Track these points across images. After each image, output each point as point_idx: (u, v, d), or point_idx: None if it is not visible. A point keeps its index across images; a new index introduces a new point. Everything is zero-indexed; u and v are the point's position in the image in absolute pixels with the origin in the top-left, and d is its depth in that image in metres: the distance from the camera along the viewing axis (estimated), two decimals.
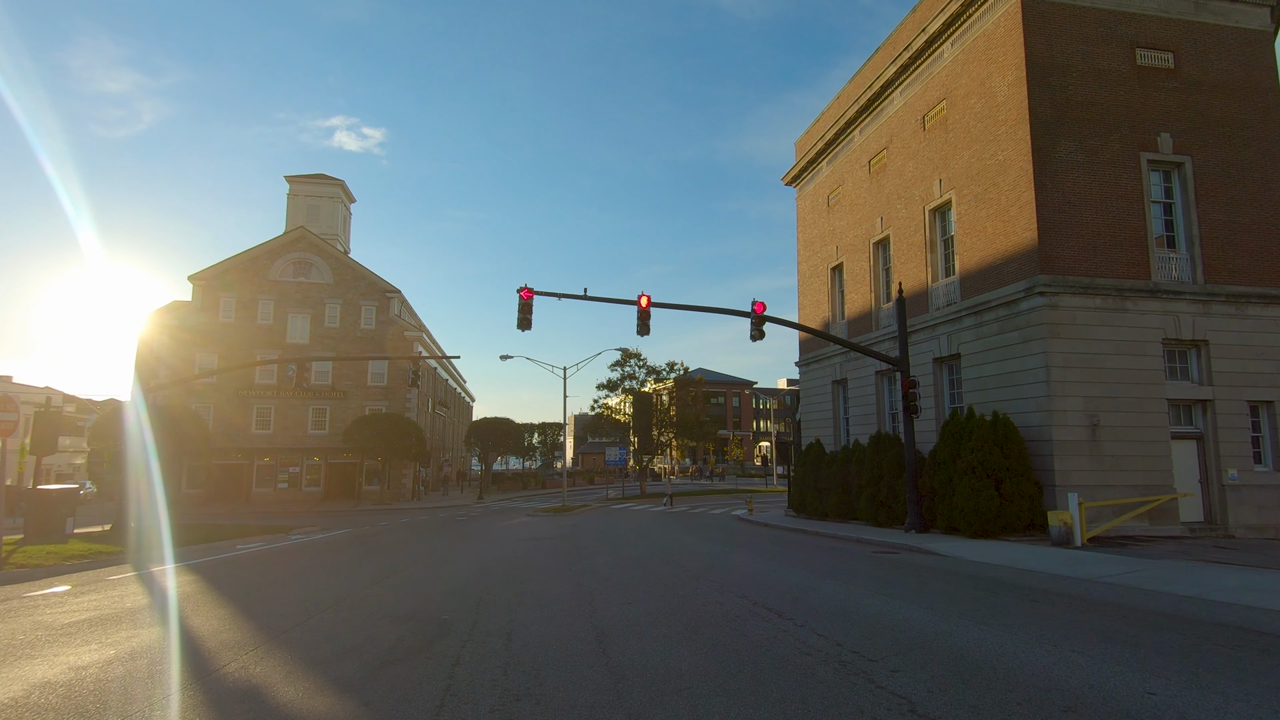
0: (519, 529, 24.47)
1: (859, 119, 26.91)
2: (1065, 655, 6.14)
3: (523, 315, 17.14)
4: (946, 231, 22.23)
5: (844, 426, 28.26)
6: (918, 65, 23.13)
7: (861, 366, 26.14)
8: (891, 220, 24.69)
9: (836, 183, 29.05)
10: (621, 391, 51.73)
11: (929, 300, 22.32)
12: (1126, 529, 16.95)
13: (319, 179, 51.76)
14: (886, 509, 21.16)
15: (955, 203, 21.24)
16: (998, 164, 19.40)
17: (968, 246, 20.64)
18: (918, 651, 6.32)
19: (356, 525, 28.68)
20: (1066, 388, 17.48)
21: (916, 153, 23.29)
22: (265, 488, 45.19)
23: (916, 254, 23.11)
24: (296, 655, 6.70)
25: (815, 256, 30.77)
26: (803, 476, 26.70)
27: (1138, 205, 18.66)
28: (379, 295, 47.77)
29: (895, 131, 24.66)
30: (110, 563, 14.84)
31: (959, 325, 20.74)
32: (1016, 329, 18.49)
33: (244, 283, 46.03)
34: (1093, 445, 17.43)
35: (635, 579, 11.49)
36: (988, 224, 19.76)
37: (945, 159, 21.76)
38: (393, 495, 46.20)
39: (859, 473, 22.77)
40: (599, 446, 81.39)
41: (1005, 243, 19.03)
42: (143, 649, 7.05)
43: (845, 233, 28.18)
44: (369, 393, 47.03)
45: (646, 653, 6.47)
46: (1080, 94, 18.70)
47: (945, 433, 18.79)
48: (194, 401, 43.99)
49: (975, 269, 20.26)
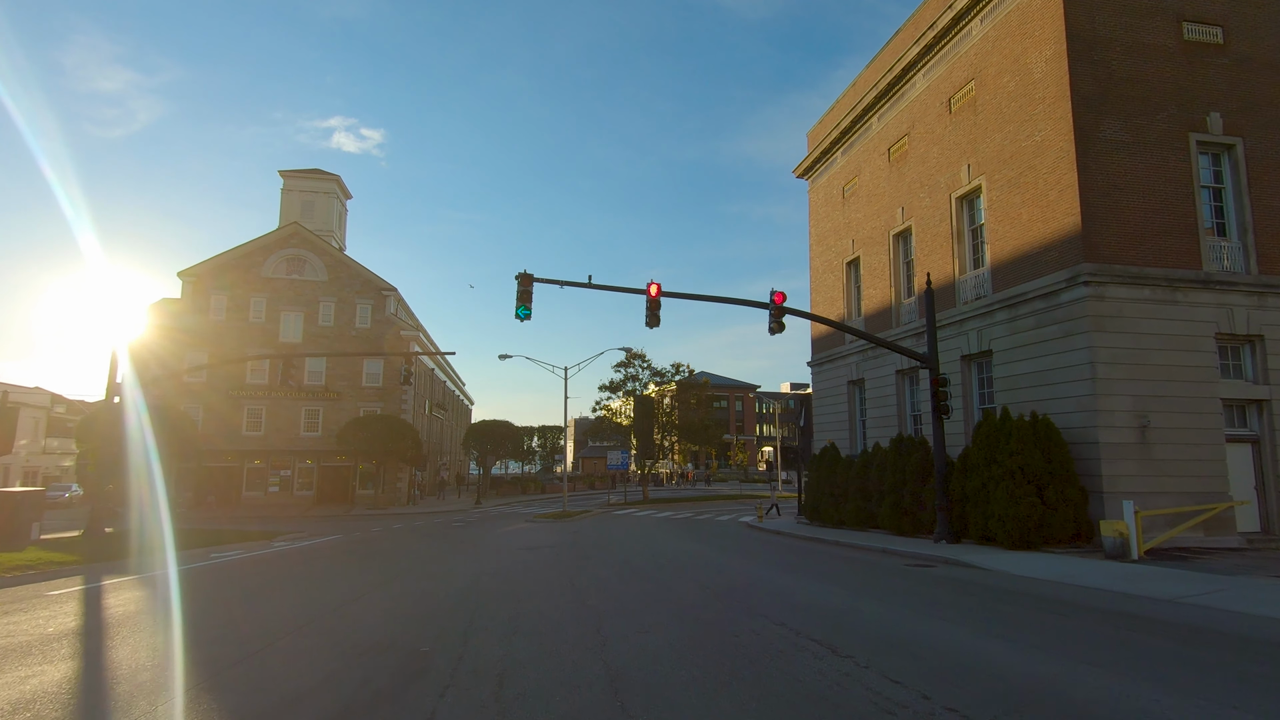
0: (517, 536, 23.04)
1: (877, 105, 25.55)
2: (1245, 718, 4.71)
3: (522, 302, 15.71)
4: (975, 220, 20.84)
5: (860, 430, 26.82)
6: (943, 44, 21.78)
7: (880, 366, 24.72)
8: (914, 210, 23.30)
9: (853, 173, 27.68)
10: (624, 394, 50.27)
11: (956, 294, 20.91)
12: (1180, 540, 15.50)
13: (314, 174, 50.40)
14: (910, 517, 19.72)
15: (985, 189, 19.85)
16: (1034, 146, 18.02)
17: (1000, 235, 19.25)
18: (1035, 710, 4.89)
19: (347, 531, 27.23)
20: (1113, 385, 16.06)
21: (941, 138, 21.91)
22: (256, 491, 43.69)
23: (942, 245, 21.72)
24: (229, 705, 5.28)
25: (829, 251, 29.37)
26: (817, 482, 25.25)
27: (1186, 189, 17.27)
28: (374, 293, 46.36)
29: (918, 116, 23.29)
30: (60, 574, 13.39)
31: (990, 320, 19.33)
32: (1056, 322, 17.07)
33: (236, 280, 44.62)
34: (1142, 448, 16.00)
35: (648, 597, 10.06)
36: (1023, 210, 18.36)
37: (974, 143, 20.38)
38: (388, 499, 44.71)
39: (879, 478, 21.33)
40: (600, 451, 79.96)
41: (1043, 230, 17.64)
42: (30, 698, 5.57)
43: (862, 225, 26.79)
44: (364, 394, 45.58)
45: (677, 706, 5.04)
46: (1124, 70, 17.33)
47: (978, 434, 17.36)
48: (184, 402, 42.52)
49: (1008, 259, 18.86)
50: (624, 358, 48.98)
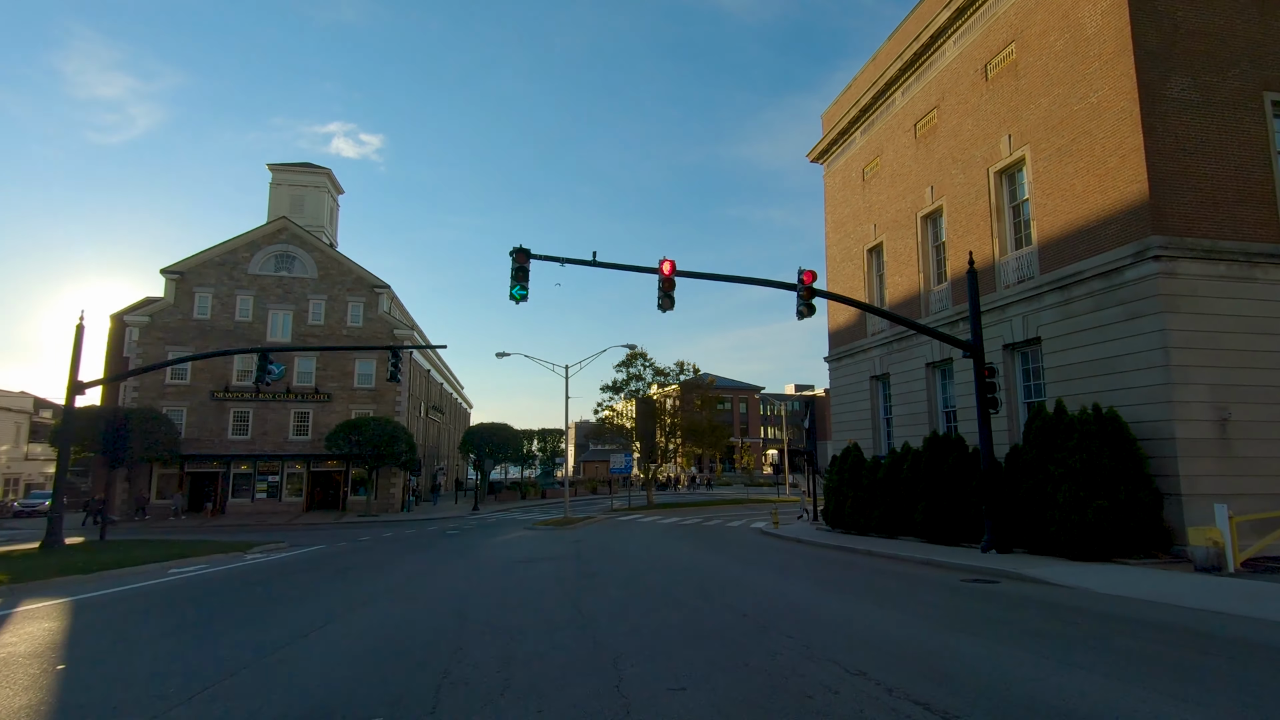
0: (515, 547, 21.09)
1: (901, 78, 23.69)
2: None
3: (518, 281, 13.74)
4: (1017, 196, 18.96)
5: (884, 428, 24.90)
6: (977, 6, 19.92)
7: (908, 359, 22.81)
8: (945, 188, 21.41)
9: (874, 153, 25.80)
10: (626, 394, 48.29)
11: (996, 277, 19.01)
12: (1272, 549, 13.56)
13: (304, 168, 48.50)
14: (948, 523, 17.81)
15: (1030, 160, 17.96)
16: (1089, 108, 16.15)
17: (1048, 210, 17.36)
18: None
19: (333, 540, 25.26)
20: (1189, 373, 14.15)
21: (977, 108, 20.04)
22: (243, 497, 41.68)
23: (978, 224, 19.83)
24: None
25: (848, 238, 27.48)
26: (839, 485, 23.30)
27: (1263, 154, 15.41)
28: (367, 291, 44.44)
29: (948, 87, 21.42)
30: None
31: (1037, 304, 17.43)
32: (1120, 303, 15.17)
33: (221, 277, 42.70)
34: (1222, 444, 14.10)
35: (674, 630, 8.14)
36: (1076, 180, 16.48)
37: (1015, 111, 18.51)
38: (381, 506, 42.70)
39: (911, 481, 19.42)
40: (602, 454, 77.94)
41: (1102, 200, 15.75)
42: None
43: (885, 208, 24.90)
44: (355, 395, 43.63)
45: None
46: (1191, 22, 15.48)
47: (1031, 431, 15.44)
48: (165, 405, 40.59)
49: (1059, 235, 16.97)
50: (626, 357, 47.06)
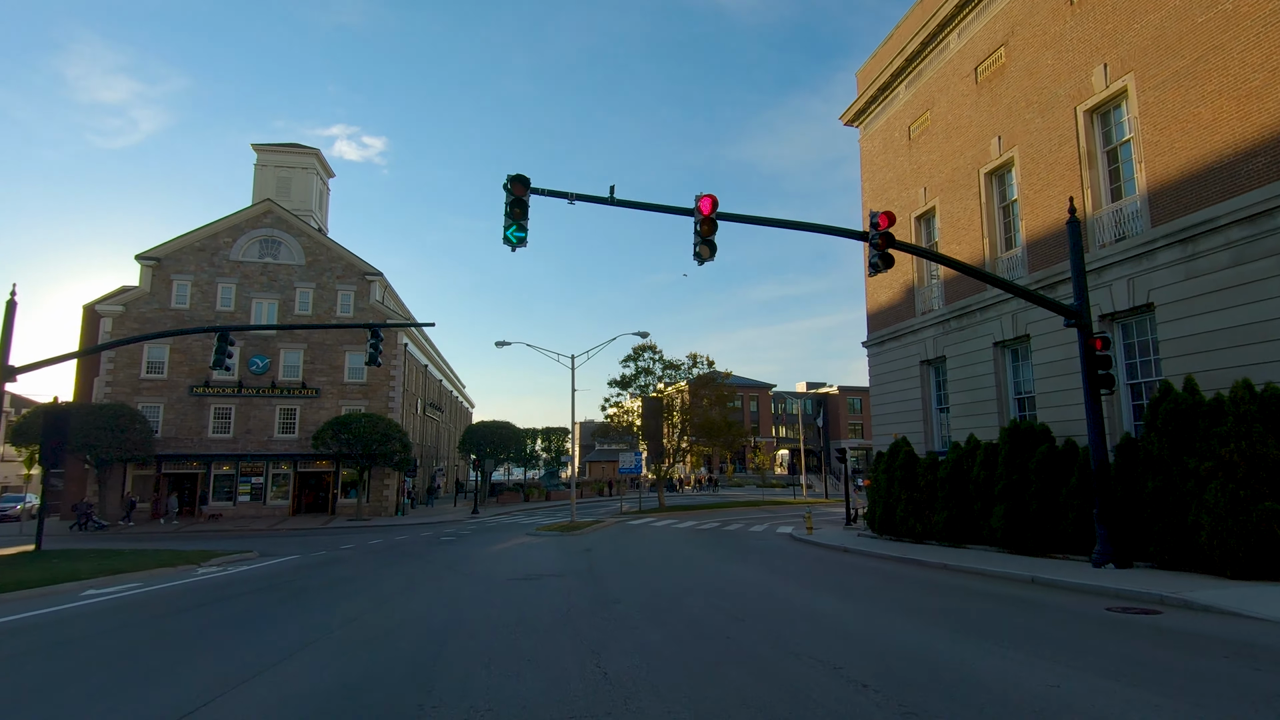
0: (516, 558, 18.07)
1: (959, 17, 20.61)
2: None
3: (514, 219, 10.66)
4: (1114, 138, 15.87)
5: (937, 420, 21.81)
6: None
7: (969, 338, 19.72)
8: (1016, 136, 18.32)
9: (923, 107, 22.71)
10: (634, 390, 45.22)
11: (1087, 236, 15.91)
12: None
13: (291, 149, 45.56)
14: (1035, 531, 14.75)
15: (1135, 90, 14.87)
16: (1219, 18, 13.08)
17: (1161, 149, 14.27)
18: None
19: (311, 548, 22.28)
20: None
21: (1059, 37, 16.96)
22: (224, 500, 38.74)
23: (1062, 175, 16.74)
24: None
25: (890, 206, 24.37)
26: (887, 485, 20.25)
27: None
28: (358, 278, 41.51)
29: (1020, 19, 18.35)
30: None
31: (1148, 263, 14.34)
32: (1271, 254, 12.08)
33: (201, 264, 39.83)
34: None
35: (752, 708, 5.09)
36: (1202, 108, 13.40)
37: (1113, 34, 15.44)
38: (373, 509, 39.73)
39: (986, 480, 16.36)
40: (609, 454, 74.96)
41: (1241, 128, 12.67)
42: None
43: (938, 168, 21.81)
44: (346, 390, 40.69)
45: None
46: None
47: (1157, 416, 12.35)
48: (140, 401, 37.72)
49: (1177, 178, 13.88)
50: (634, 349, 44.01)
